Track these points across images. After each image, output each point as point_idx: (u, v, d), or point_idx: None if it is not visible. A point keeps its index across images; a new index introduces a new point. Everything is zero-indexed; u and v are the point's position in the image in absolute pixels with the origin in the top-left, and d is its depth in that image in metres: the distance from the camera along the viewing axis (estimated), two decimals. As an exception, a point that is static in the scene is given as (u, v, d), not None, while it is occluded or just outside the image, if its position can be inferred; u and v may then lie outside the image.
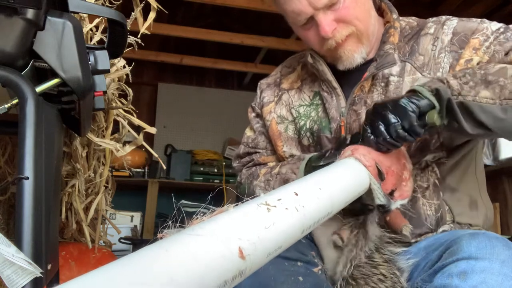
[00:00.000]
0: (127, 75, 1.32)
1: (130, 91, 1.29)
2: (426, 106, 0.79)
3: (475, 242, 0.75)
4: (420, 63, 0.98)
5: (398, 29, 1.03)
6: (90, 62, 0.88)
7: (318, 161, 0.94)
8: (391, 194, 0.82)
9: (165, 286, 0.36)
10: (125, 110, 1.33)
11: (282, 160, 1.13)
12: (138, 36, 1.29)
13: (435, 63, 0.97)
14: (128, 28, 1.04)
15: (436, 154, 0.98)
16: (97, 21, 1.22)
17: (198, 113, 4.68)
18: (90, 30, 1.20)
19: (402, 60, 1.00)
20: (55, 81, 0.79)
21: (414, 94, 0.81)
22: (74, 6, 0.84)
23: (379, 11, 1.08)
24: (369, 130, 0.82)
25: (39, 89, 0.77)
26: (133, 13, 1.25)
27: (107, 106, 1.27)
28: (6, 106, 0.74)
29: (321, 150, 1.03)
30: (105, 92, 0.98)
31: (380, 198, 0.78)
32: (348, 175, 0.73)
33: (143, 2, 1.26)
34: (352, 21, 0.95)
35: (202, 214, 0.48)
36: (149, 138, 3.82)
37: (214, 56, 4.35)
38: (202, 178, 4.17)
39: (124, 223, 3.54)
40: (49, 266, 0.78)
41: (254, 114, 1.20)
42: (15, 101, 0.73)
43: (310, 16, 0.95)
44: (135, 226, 3.64)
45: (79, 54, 0.79)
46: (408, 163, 0.87)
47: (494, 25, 0.96)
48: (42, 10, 0.74)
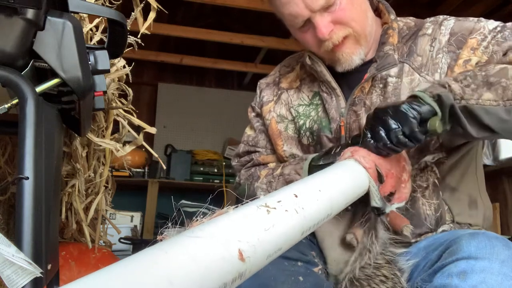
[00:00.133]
0: (127, 75, 1.32)
1: (130, 91, 1.29)
2: (427, 112, 0.78)
3: (475, 242, 0.75)
4: (418, 64, 0.98)
5: (397, 29, 1.03)
6: (90, 62, 0.88)
7: (318, 160, 0.93)
8: (390, 196, 0.81)
9: (164, 288, 0.36)
10: (125, 110, 1.33)
11: (281, 159, 1.13)
12: (138, 36, 1.29)
13: (433, 64, 0.97)
14: (128, 28, 1.04)
15: (435, 155, 0.98)
16: (97, 21, 1.22)
17: (198, 113, 4.67)
18: (90, 30, 1.20)
19: (400, 61, 0.99)
20: (55, 81, 0.79)
21: (415, 99, 0.80)
22: (74, 6, 0.84)
23: (377, 12, 1.08)
24: (369, 135, 0.81)
25: (39, 89, 0.77)
26: (133, 13, 1.25)
27: (107, 106, 1.27)
28: (6, 106, 0.74)
29: (321, 150, 1.03)
30: (105, 92, 0.98)
31: (376, 201, 0.78)
32: (347, 177, 0.73)
33: (143, 2, 1.26)
34: (348, 22, 0.95)
35: (202, 216, 0.48)
36: (149, 138, 3.82)
37: (214, 56, 4.35)
38: (202, 178, 4.17)
39: (124, 223, 3.54)
40: (49, 266, 0.78)
41: (254, 114, 1.20)
42: (15, 101, 0.73)
43: (307, 18, 0.95)
44: (135, 226, 3.64)
45: (79, 54, 0.79)
46: (407, 165, 0.86)
47: (491, 24, 0.96)
48: (42, 10, 0.74)
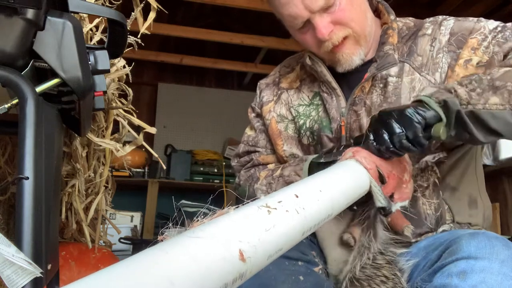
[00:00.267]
0: (127, 75, 1.32)
1: (130, 91, 1.29)
2: (432, 118, 0.77)
3: (475, 242, 0.75)
4: (418, 64, 0.98)
5: (396, 30, 1.03)
6: (90, 62, 0.87)
7: (319, 158, 0.93)
8: (391, 197, 0.81)
9: (165, 289, 0.36)
10: (125, 110, 1.33)
11: (281, 160, 1.13)
12: (138, 36, 1.29)
13: (433, 64, 0.97)
14: (128, 28, 1.04)
15: (435, 154, 0.98)
16: (97, 21, 1.22)
17: (198, 113, 4.67)
18: (90, 30, 1.20)
19: (400, 60, 1.00)
20: (55, 81, 0.79)
21: (420, 104, 0.79)
22: (74, 6, 0.84)
23: (376, 12, 1.09)
24: (372, 137, 0.80)
25: (39, 89, 0.77)
26: (133, 13, 1.25)
27: (107, 106, 1.27)
28: (6, 106, 0.74)
29: (322, 150, 1.03)
30: (105, 92, 0.98)
31: (381, 201, 0.78)
32: (348, 177, 0.73)
33: (143, 2, 1.26)
34: (348, 23, 0.96)
35: (202, 216, 0.48)
36: (149, 138, 3.82)
37: (214, 56, 4.35)
38: (202, 178, 4.17)
39: (124, 223, 3.54)
40: (49, 266, 0.78)
41: (254, 114, 1.20)
42: (15, 101, 0.73)
43: (307, 19, 0.95)
44: (135, 226, 3.64)
45: (79, 54, 0.79)
46: (408, 165, 0.86)
47: (491, 23, 0.96)
48: (42, 10, 0.74)
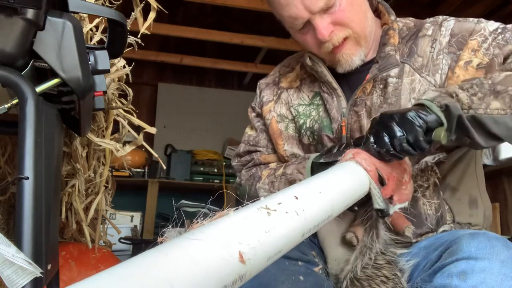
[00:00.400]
0: (127, 75, 1.32)
1: (130, 91, 1.29)
2: (433, 122, 0.77)
3: (475, 242, 0.75)
4: (418, 65, 0.98)
5: (397, 30, 1.03)
6: (90, 62, 0.87)
7: (319, 158, 0.93)
8: (391, 198, 0.81)
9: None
10: (125, 110, 1.33)
11: (282, 159, 1.13)
12: (138, 36, 1.29)
13: (434, 65, 0.97)
14: (128, 28, 1.04)
15: (435, 155, 0.98)
16: (97, 21, 1.22)
17: (198, 113, 4.67)
18: (90, 30, 1.20)
19: (401, 61, 1.00)
20: (55, 81, 0.79)
21: (422, 108, 0.79)
22: (74, 6, 0.84)
23: (376, 13, 1.08)
24: (372, 139, 0.80)
25: (39, 89, 0.77)
26: (133, 13, 1.25)
27: (107, 106, 1.27)
28: (6, 106, 0.74)
29: (322, 149, 1.02)
30: (105, 92, 0.97)
31: (379, 203, 0.78)
32: (348, 179, 0.73)
33: (143, 2, 1.25)
34: (348, 23, 0.95)
35: (202, 217, 0.48)
36: (149, 138, 3.82)
37: (214, 56, 4.34)
38: (202, 178, 4.17)
39: (124, 223, 3.54)
40: (49, 266, 0.78)
41: (254, 114, 1.20)
42: (15, 101, 0.73)
43: (307, 20, 0.95)
44: (135, 226, 3.64)
45: (79, 54, 0.79)
46: (408, 166, 0.86)
47: (491, 25, 0.96)
48: (42, 10, 0.74)
